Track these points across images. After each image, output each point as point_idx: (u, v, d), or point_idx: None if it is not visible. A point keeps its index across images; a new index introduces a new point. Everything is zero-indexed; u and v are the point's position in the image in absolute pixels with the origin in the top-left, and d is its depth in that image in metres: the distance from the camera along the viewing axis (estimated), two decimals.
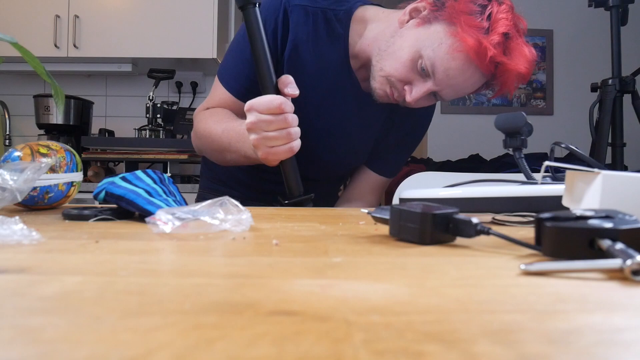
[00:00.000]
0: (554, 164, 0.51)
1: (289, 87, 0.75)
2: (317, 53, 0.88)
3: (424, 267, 0.30)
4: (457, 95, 0.84)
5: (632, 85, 1.66)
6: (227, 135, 0.83)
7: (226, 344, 0.17)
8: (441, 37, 0.78)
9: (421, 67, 0.80)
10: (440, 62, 0.78)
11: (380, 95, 0.86)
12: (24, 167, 0.52)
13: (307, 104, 0.87)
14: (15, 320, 0.19)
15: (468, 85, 0.81)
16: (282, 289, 0.24)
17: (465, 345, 0.17)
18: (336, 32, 0.88)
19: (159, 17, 2.21)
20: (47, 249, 0.34)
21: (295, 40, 0.87)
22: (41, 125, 2.25)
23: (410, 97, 0.82)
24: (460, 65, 0.78)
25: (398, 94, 0.84)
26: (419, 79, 0.82)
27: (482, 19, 0.76)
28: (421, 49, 0.79)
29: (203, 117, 0.92)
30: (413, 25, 0.82)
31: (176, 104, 2.40)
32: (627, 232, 0.30)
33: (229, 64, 0.92)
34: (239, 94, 0.90)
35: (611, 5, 1.66)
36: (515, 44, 0.77)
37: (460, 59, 0.77)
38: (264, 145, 0.73)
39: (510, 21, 0.77)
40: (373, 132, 1.00)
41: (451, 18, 0.77)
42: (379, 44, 0.85)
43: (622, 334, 0.19)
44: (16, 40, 0.56)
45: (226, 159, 0.89)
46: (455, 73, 0.79)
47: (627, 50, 1.92)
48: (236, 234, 0.42)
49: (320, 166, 0.98)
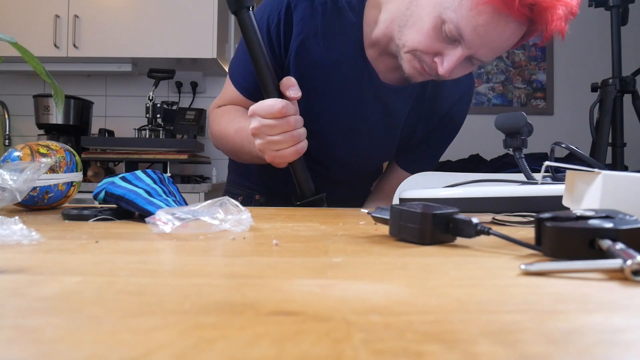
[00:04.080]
0: (554, 164, 0.51)
1: (290, 90, 0.72)
2: (329, 46, 0.83)
3: (424, 267, 0.30)
4: (496, 53, 0.75)
5: (633, 85, 1.66)
6: (240, 137, 0.82)
7: (226, 344, 0.17)
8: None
9: (446, 33, 0.72)
10: (465, 21, 0.70)
11: (412, 75, 0.79)
12: (23, 167, 0.52)
13: (322, 100, 0.84)
14: (15, 320, 0.19)
15: (504, 39, 0.72)
16: (282, 289, 0.24)
17: (465, 345, 0.17)
18: (349, 21, 0.83)
19: (159, 17, 2.21)
20: (47, 249, 0.34)
21: (302, 33, 0.83)
22: (41, 125, 2.25)
23: (442, 69, 0.75)
24: (489, 19, 0.69)
25: (429, 67, 0.77)
26: (448, 47, 0.74)
27: None
28: (442, 13, 0.72)
29: (216, 116, 0.92)
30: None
31: (176, 104, 2.40)
32: (628, 232, 0.30)
33: (238, 63, 0.90)
34: (249, 92, 0.88)
35: (611, 5, 1.66)
36: None
37: (487, 12, 0.69)
38: (269, 149, 0.72)
39: None
40: (396, 125, 0.93)
41: None
42: (397, 22, 0.78)
43: (623, 334, 0.19)
44: (16, 40, 0.56)
45: (242, 159, 0.89)
46: (485, 30, 0.70)
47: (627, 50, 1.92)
48: (236, 234, 0.42)
49: (343, 166, 0.95)
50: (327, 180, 0.81)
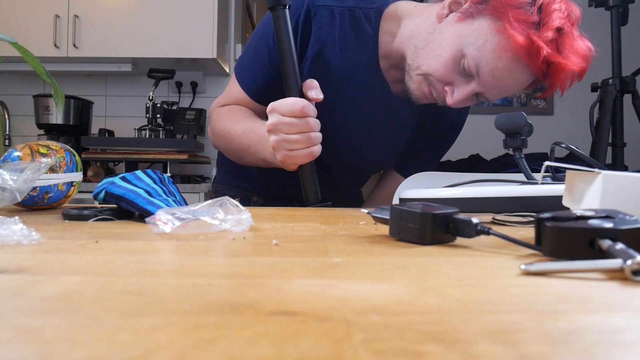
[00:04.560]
0: (554, 164, 0.51)
1: (313, 91, 0.72)
2: (344, 55, 0.83)
3: (424, 267, 0.30)
4: (502, 95, 0.77)
5: (633, 85, 1.66)
6: (247, 137, 0.81)
7: (226, 344, 0.17)
8: (486, 33, 0.71)
9: (463, 67, 0.73)
10: (485, 62, 0.71)
11: (417, 96, 0.81)
12: (23, 167, 0.52)
13: (335, 107, 0.84)
14: (15, 320, 0.19)
15: (515, 85, 0.75)
16: (282, 289, 0.24)
17: (465, 345, 0.17)
18: (365, 33, 0.83)
19: (159, 17, 2.21)
20: (47, 249, 0.34)
21: (320, 42, 0.82)
22: (41, 125, 2.25)
23: (451, 100, 0.76)
24: (508, 65, 0.71)
25: (437, 94, 0.78)
26: (461, 79, 0.75)
27: (532, 12, 0.68)
28: (464, 47, 0.73)
29: (220, 115, 0.90)
30: (453, 20, 0.75)
31: (176, 103, 2.40)
32: (628, 232, 0.30)
33: (246, 64, 0.90)
34: (255, 94, 0.88)
35: (611, 5, 1.66)
36: (570, 38, 0.70)
37: (509, 59, 0.70)
38: (283, 148, 0.71)
39: (564, 12, 0.69)
40: (404, 136, 0.95)
41: (497, 12, 0.70)
42: (414, 42, 0.79)
43: (623, 334, 0.19)
44: (16, 40, 0.56)
45: (244, 160, 0.87)
46: (502, 74, 0.72)
47: (627, 50, 1.91)
48: (236, 234, 0.42)
49: (347, 171, 0.96)
50: (329, 182, 0.81)
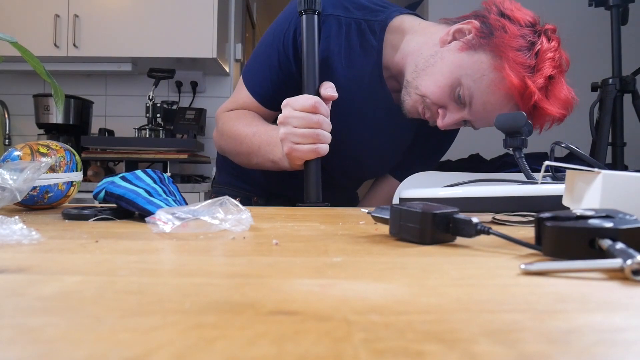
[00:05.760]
0: (554, 163, 0.51)
1: (327, 89, 0.76)
2: (349, 64, 0.86)
3: (424, 267, 0.30)
4: (488, 125, 0.81)
5: (633, 85, 1.66)
6: (259, 138, 0.83)
7: (226, 344, 0.17)
8: (484, 68, 0.75)
9: (458, 95, 0.77)
10: (479, 94, 0.76)
11: (410, 111, 0.85)
12: (23, 166, 0.52)
13: (339, 114, 0.85)
14: (15, 320, 0.19)
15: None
16: (282, 288, 0.24)
17: (465, 345, 0.17)
18: (370, 44, 0.86)
19: (159, 17, 2.21)
20: (47, 249, 0.34)
21: (327, 50, 0.85)
22: (41, 125, 2.25)
23: (442, 122, 0.81)
24: (500, 101, 0.75)
25: (430, 115, 0.83)
26: (454, 105, 0.80)
27: (529, 56, 0.73)
28: (462, 77, 0.76)
29: (229, 119, 0.91)
30: (456, 48, 0.78)
31: (176, 103, 2.40)
32: (628, 232, 0.30)
33: (255, 69, 0.91)
34: (263, 99, 0.89)
35: (611, 5, 1.66)
36: (557, 86, 0.75)
37: (501, 96, 0.75)
38: (289, 140, 0.73)
39: (557, 62, 0.74)
40: (403, 144, 0.98)
41: (498, 50, 0.74)
42: (415, 60, 0.82)
43: (623, 334, 0.19)
44: (16, 40, 0.56)
45: (251, 162, 0.88)
46: (493, 107, 0.76)
47: (627, 50, 1.91)
48: (236, 234, 0.42)
49: (347, 175, 0.98)
50: (327, 184, 0.82)
